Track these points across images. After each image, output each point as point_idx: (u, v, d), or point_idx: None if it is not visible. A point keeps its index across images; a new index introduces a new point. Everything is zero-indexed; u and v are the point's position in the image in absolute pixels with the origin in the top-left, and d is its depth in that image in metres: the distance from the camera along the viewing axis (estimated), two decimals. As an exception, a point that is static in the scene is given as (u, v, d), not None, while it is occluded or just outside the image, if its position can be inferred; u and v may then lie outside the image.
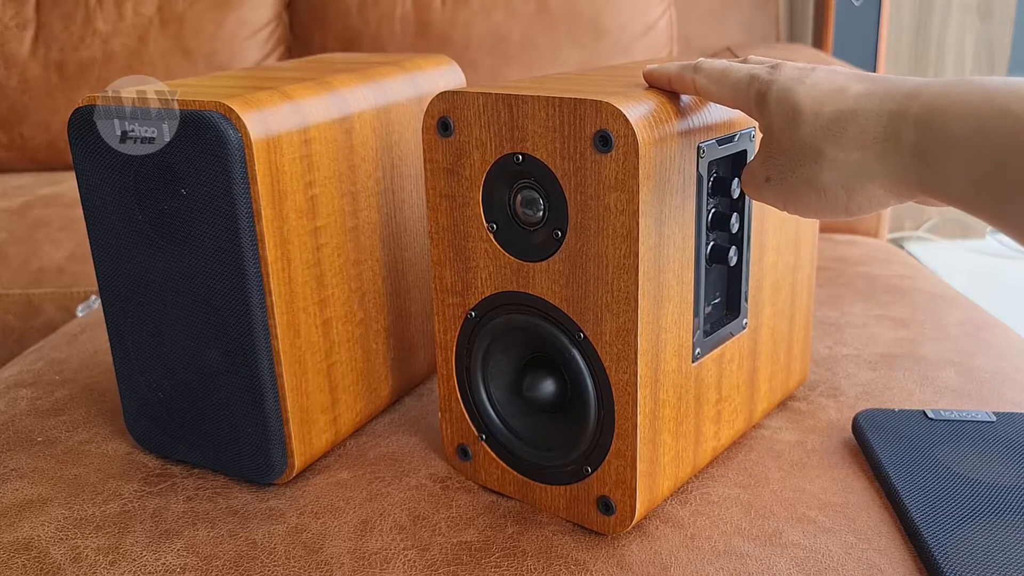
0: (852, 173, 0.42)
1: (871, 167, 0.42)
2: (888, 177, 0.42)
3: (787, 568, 0.52)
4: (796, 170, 0.44)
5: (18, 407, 0.74)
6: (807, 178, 0.44)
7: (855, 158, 0.42)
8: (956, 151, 0.38)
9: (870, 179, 0.42)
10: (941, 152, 0.39)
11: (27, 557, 0.55)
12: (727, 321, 0.59)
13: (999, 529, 0.53)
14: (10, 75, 1.62)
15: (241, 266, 0.55)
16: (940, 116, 0.39)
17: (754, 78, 0.47)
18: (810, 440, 0.65)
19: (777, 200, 0.47)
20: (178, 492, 0.61)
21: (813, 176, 0.44)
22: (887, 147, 0.41)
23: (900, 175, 0.41)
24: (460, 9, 1.57)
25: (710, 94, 0.50)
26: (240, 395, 0.59)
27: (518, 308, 0.55)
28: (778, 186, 0.46)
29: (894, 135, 0.41)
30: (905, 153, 0.40)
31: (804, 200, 0.45)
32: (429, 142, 0.56)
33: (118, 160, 0.57)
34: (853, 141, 0.42)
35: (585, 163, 0.49)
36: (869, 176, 0.42)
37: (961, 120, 0.38)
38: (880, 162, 0.41)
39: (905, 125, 0.40)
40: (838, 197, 0.44)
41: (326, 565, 0.53)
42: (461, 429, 0.61)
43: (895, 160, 0.41)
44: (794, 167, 0.45)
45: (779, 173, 0.46)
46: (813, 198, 0.45)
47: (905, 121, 0.40)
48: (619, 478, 0.54)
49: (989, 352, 0.80)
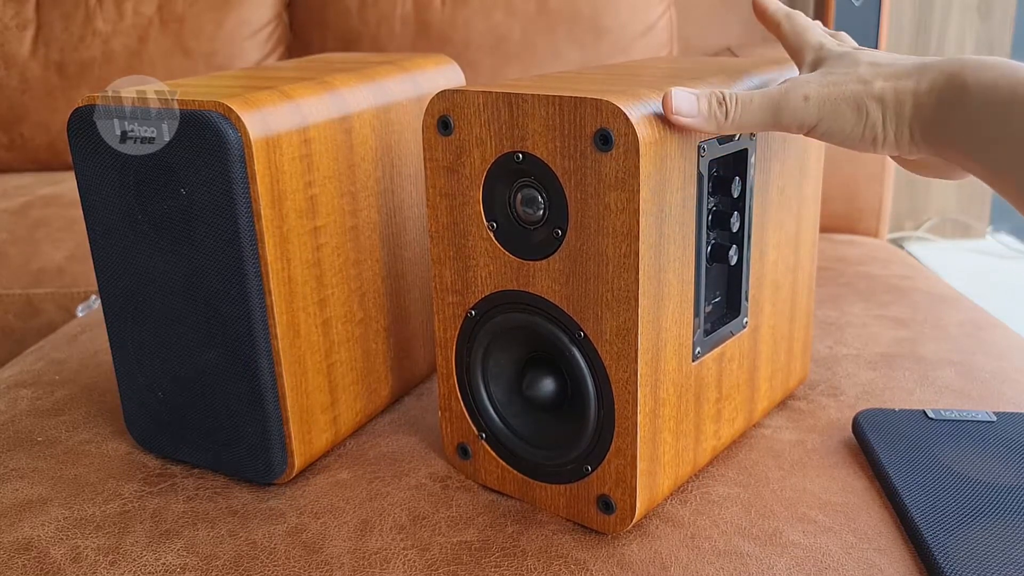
0: (894, 100, 0.48)
1: (906, 101, 0.48)
2: (919, 121, 0.47)
3: (787, 568, 0.52)
4: (841, 87, 0.49)
5: (18, 407, 0.74)
6: (852, 95, 0.49)
7: (900, 86, 0.48)
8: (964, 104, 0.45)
9: (905, 113, 0.48)
10: (955, 103, 0.46)
11: (27, 557, 0.55)
12: (727, 320, 0.59)
13: (999, 529, 0.53)
14: (10, 75, 1.62)
15: (241, 266, 0.55)
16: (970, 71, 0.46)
17: (821, 44, 0.54)
18: (810, 439, 0.65)
19: (811, 116, 0.49)
20: (178, 492, 0.61)
21: (860, 94, 0.48)
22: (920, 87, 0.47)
23: (927, 116, 0.47)
24: (460, 9, 1.57)
25: (784, 37, 0.56)
26: (240, 395, 0.59)
27: (518, 307, 0.55)
28: (817, 105, 0.49)
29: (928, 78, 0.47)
30: (935, 92, 0.47)
31: (842, 120, 0.49)
32: (429, 141, 0.56)
33: (118, 160, 0.57)
34: (900, 80, 0.48)
35: (585, 162, 0.49)
36: (904, 108, 0.48)
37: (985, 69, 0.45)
38: (913, 100, 0.48)
39: (936, 73, 0.47)
40: (876, 121, 0.48)
41: (326, 565, 0.53)
42: (461, 428, 0.61)
43: (925, 101, 0.47)
44: (838, 86, 0.49)
45: (819, 90, 0.49)
46: (851, 117, 0.49)
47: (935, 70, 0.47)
48: (619, 477, 0.54)
49: (989, 352, 0.80)
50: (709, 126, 0.50)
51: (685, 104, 0.49)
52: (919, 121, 0.47)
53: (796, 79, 0.51)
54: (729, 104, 0.50)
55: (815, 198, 0.67)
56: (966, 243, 2.02)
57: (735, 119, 0.50)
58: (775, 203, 0.62)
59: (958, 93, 0.46)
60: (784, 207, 0.63)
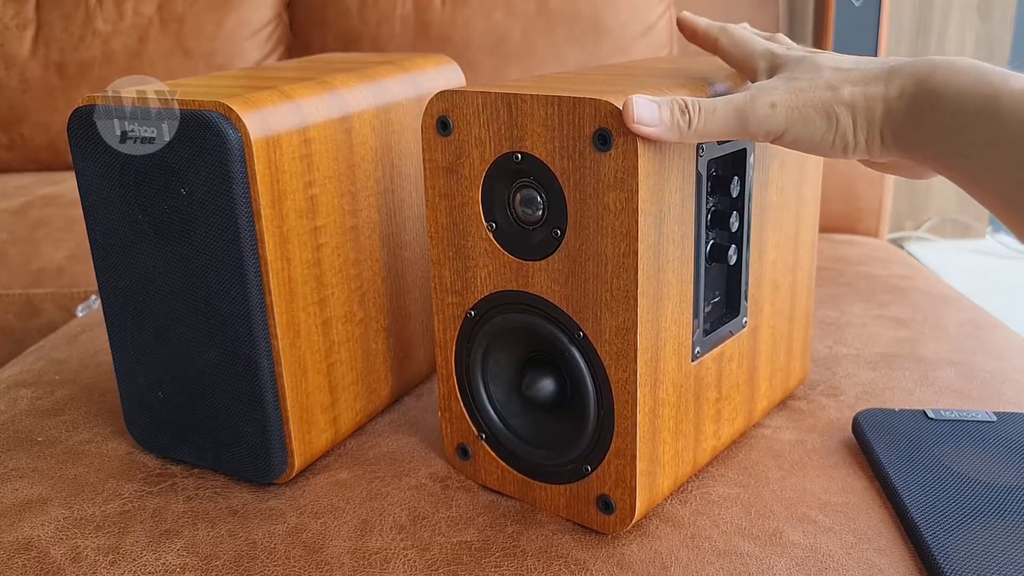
0: (864, 106, 0.46)
1: (876, 107, 0.46)
2: (890, 126, 0.46)
3: (787, 568, 0.52)
4: (809, 93, 0.47)
5: (18, 407, 0.74)
6: (821, 102, 0.47)
7: (870, 92, 0.46)
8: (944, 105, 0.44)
9: (872, 123, 0.46)
10: (933, 104, 0.44)
11: (27, 557, 0.55)
12: (727, 320, 0.59)
13: (999, 529, 0.53)
14: (10, 75, 1.62)
15: (241, 266, 0.55)
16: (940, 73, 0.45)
17: (769, 50, 0.52)
18: (810, 439, 0.65)
19: (778, 125, 0.47)
20: (178, 492, 0.61)
21: (828, 101, 0.47)
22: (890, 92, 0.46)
23: (898, 121, 0.46)
24: (460, 9, 1.57)
25: (725, 54, 0.55)
26: (240, 395, 0.59)
27: (517, 307, 0.55)
28: (784, 112, 0.47)
29: (898, 82, 0.46)
30: (905, 98, 0.45)
31: (811, 127, 0.47)
32: (428, 141, 0.56)
33: (118, 160, 0.57)
34: (869, 85, 0.47)
35: (584, 162, 0.49)
36: (872, 119, 0.46)
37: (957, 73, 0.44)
38: (884, 106, 0.46)
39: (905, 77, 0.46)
40: (846, 128, 0.47)
41: (326, 565, 0.53)
42: (461, 428, 0.61)
43: (896, 106, 0.46)
44: (805, 93, 0.47)
45: (785, 97, 0.47)
46: (821, 125, 0.47)
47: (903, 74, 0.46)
48: (619, 477, 0.54)
49: (989, 352, 0.80)
50: (671, 135, 0.48)
51: (646, 113, 0.47)
52: (891, 127, 0.46)
53: (761, 85, 0.49)
54: (692, 112, 0.48)
55: (815, 198, 0.67)
56: (966, 243, 2.02)
57: (697, 128, 0.48)
58: (774, 203, 0.62)
59: (931, 99, 0.44)
60: (783, 207, 0.63)
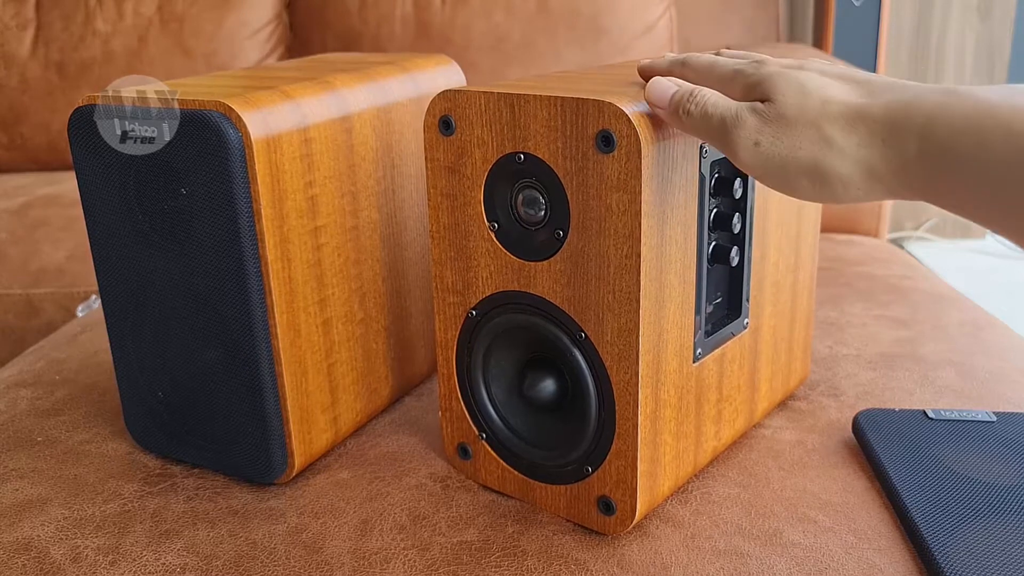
0: (859, 170, 0.42)
1: (877, 166, 0.41)
2: (893, 180, 0.41)
3: (787, 568, 0.52)
4: (796, 149, 0.43)
5: (18, 407, 0.74)
6: (808, 163, 0.43)
7: (864, 155, 0.42)
8: (958, 166, 0.39)
9: (875, 179, 0.42)
10: (943, 166, 0.39)
11: (27, 557, 0.55)
12: (728, 321, 0.59)
13: (999, 529, 0.53)
14: (10, 75, 1.62)
15: (241, 266, 0.55)
16: (943, 129, 0.39)
17: (738, 72, 0.47)
18: (810, 440, 0.65)
19: (756, 168, 0.44)
20: (178, 492, 0.61)
21: (815, 162, 0.42)
22: (891, 153, 0.41)
23: (904, 181, 0.41)
24: (460, 9, 1.57)
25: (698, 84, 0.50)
26: (240, 395, 0.59)
27: (519, 307, 0.55)
28: (766, 158, 0.44)
29: (899, 143, 0.41)
30: (910, 161, 0.40)
31: (794, 183, 0.44)
32: (430, 141, 0.56)
33: (118, 160, 0.57)
34: (864, 140, 0.42)
35: (587, 163, 0.49)
36: (874, 176, 0.42)
37: (964, 135, 0.38)
38: (886, 165, 0.41)
39: (910, 136, 0.40)
40: (835, 189, 0.43)
41: (326, 565, 0.53)
42: (461, 428, 0.61)
43: (900, 166, 0.41)
44: (794, 144, 0.43)
45: (773, 142, 0.43)
46: (805, 184, 0.43)
47: (909, 132, 0.40)
48: (620, 478, 0.54)
49: (989, 352, 0.80)
50: (671, 120, 0.47)
51: (657, 92, 0.47)
52: (899, 183, 0.41)
53: (756, 114, 0.44)
54: (693, 105, 0.46)
55: (815, 198, 0.67)
56: (966, 243, 2.02)
57: (689, 125, 0.47)
58: (776, 204, 0.62)
59: (946, 160, 0.39)
60: (785, 207, 0.63)
